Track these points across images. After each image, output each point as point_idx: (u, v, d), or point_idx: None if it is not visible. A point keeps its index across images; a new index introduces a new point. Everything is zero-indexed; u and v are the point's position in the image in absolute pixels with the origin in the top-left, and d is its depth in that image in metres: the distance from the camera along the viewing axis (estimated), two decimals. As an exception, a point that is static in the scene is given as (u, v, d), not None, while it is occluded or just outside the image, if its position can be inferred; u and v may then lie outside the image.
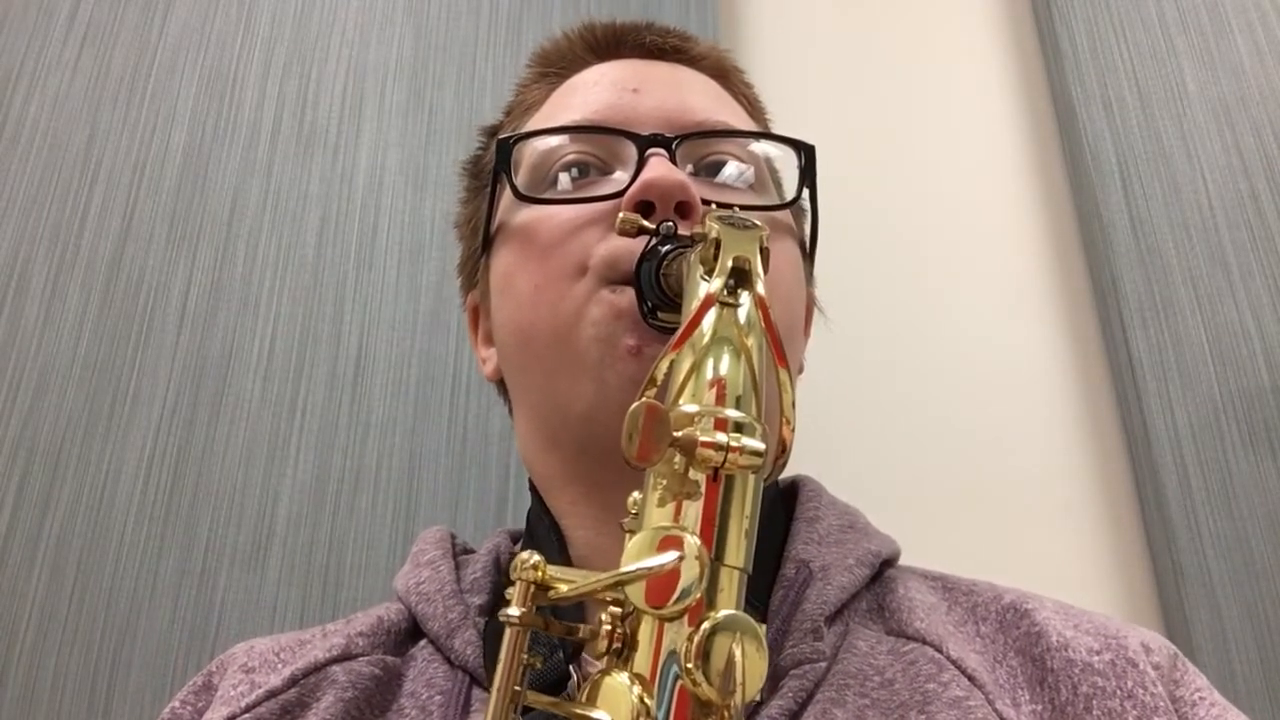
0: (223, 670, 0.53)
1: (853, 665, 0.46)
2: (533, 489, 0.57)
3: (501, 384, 0.60)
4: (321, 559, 0.84)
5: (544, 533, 0.54)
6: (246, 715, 0.47)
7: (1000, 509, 0.93)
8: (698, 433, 0.33)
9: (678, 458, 0.33)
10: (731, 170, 0.55)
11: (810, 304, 0.62)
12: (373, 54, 1.04)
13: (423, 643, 0.52)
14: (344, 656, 0.50)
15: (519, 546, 0.59)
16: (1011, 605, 0.50)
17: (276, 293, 0.94)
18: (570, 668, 0.47)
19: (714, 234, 0.38)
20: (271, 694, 0.48)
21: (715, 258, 0.38)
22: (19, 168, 0.97)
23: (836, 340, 0.68)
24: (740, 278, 0.38)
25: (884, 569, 0.54)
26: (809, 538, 0.53)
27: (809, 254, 0.61)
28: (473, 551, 0.60)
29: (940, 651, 0.47)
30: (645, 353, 0.47)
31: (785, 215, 0.57)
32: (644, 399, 0.33)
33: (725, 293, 0.37)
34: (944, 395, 0.97)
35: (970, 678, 0.45)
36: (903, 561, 0.57)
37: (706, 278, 0.38)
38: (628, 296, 0.48)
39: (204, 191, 0.97)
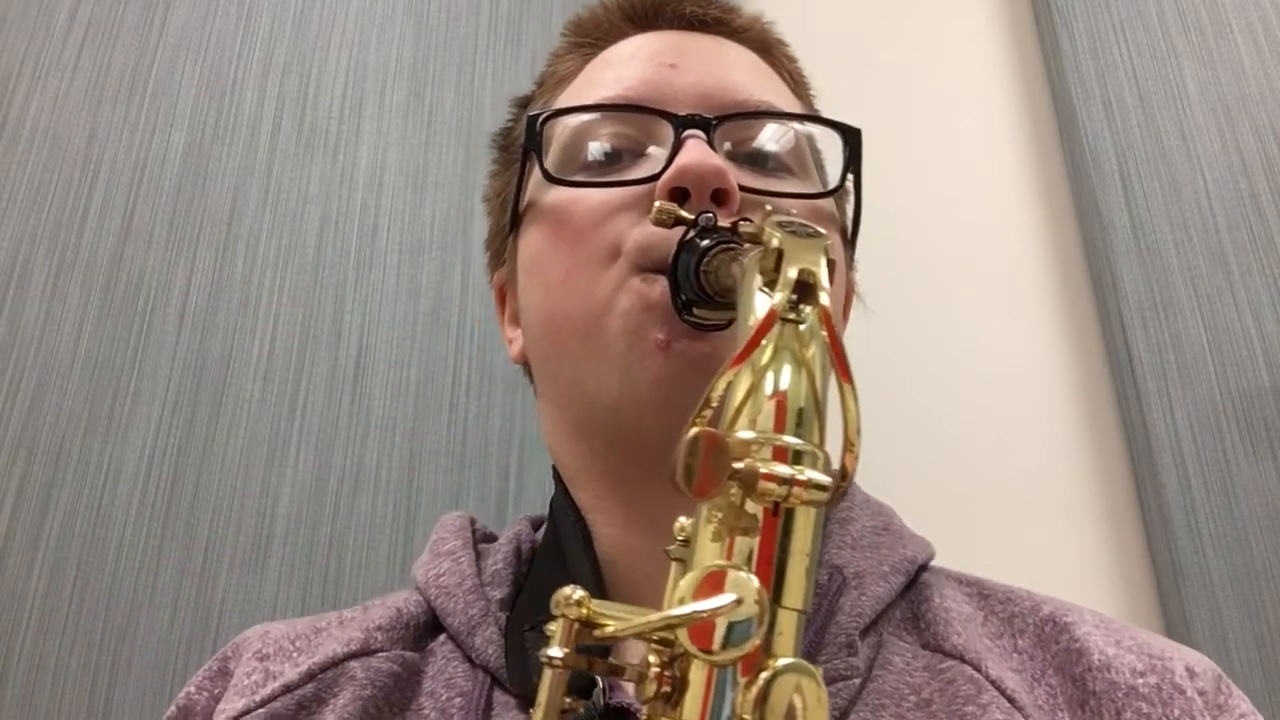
0: (238, 655, 0.51)
1: (888, 683, 0.45)
2: (557, 478, 0.55)
3: (527, 366, 0.58)
4: (321, 559, 0.84)
5: (569, 527, 0.52)
6: (261, 710, 0.46)
7: (1000, 509, 0.92)
8: (759, 464, 0.29)
9: (735, 489, 0.30)
10: (770, 143, 0.52)
11: (850, 290, 0.60)
12: (373, 54, 1.04)
13: (442, 637, 0.51)
14: (362, 651, 0.48)
15: (540, 535, 0.57)
16: (1050, 618, 0.48)
17: (276, 293, 0.93)
18: (596, 677, 0.44)
19: (775, 243, 0.35)
20: (288, 688, 0.46)
21: (776, 268, 0.34)
22: (19, 168, 0.96)
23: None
24: (804, 291, 0.34)
25: (918, 574, 0.52)
26: (842, 541, 0.51)
27: (850, 240, 0.58)
28: (494, 538, 0.58)
29: (979, 670, 0.45)
30: (674, 348, 0.46)
31: (828, 202, 0.55)
32: (699, 425, 0.29)
33: (788, 308, 0.33)
34: (944, 395, 0.97)
35: (1010, 699, 0.43)
36: None
37: (766, 290, 0.34)
38: (659, 288, 0.46)
39: (204, 191, 0.97)
